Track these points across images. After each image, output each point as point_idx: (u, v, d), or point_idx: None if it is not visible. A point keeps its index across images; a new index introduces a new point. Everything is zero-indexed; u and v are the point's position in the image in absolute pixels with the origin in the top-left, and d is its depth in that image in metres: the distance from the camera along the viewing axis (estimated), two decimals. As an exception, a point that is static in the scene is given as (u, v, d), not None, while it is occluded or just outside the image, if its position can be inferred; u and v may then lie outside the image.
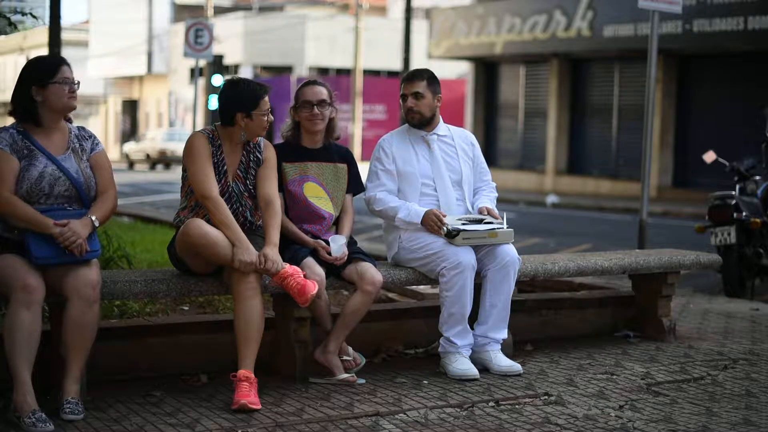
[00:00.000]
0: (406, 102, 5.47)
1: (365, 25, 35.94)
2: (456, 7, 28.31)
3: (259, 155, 4.91)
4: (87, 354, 4.36)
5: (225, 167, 4.83)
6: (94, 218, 4.41)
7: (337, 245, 5.02)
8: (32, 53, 42.16)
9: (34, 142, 4.43)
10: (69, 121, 4.62)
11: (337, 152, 5.36)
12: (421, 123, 5.49)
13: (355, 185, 5.39)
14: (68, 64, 4.55)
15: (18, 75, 4.50)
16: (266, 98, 4.82)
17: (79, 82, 4.54)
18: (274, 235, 4.73)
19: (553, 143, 25.36)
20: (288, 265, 4.68)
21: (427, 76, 5.48)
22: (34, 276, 4.22)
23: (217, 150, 4.82)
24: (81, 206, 4.46)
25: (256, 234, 4.84)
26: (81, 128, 4.64)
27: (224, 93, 4.86)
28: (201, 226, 4.60)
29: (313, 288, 4.66)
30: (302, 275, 4.68)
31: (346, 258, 5.06)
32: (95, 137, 4.66)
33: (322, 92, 5.23)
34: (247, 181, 4.87)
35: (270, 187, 4.87)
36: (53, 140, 4.49)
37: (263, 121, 4.82)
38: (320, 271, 4.94)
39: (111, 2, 48.35)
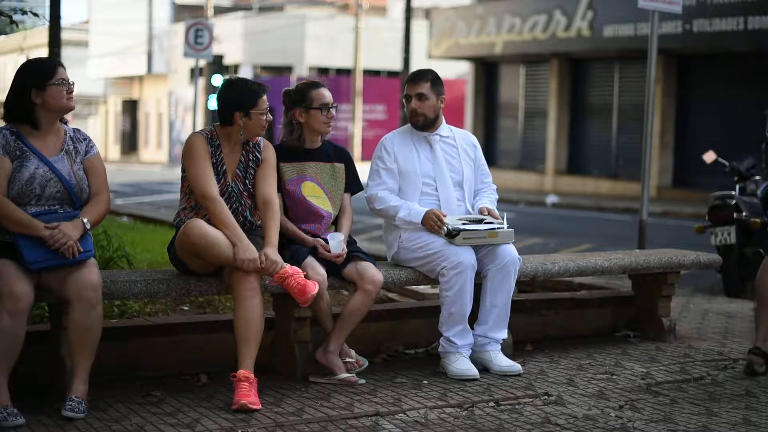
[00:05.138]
0: (410, 103, 5.46)
1: (365, 25, 35.93)
2: (456, 7, 28.31)
3: (258, 155, 4.91)
4: (93, 355, 4.36)
5: (224, 167, 4.83)
6: (85, 220, 4.40)
7: (336, 242, 5.03)
8: (32, 53, 42.15)
9: (27, 144, 4.42)
10: (64, 122, 4.61)
11: (334, 152, 5.37)
12: (425, 125, 5.49)
13: (353, 185, 5.39)
14: (63, 65, 4.55)
15: (13, 78, 4.49)
16: (264, 97, 4.83)
17: (74, 83, 4.54)
18: (274, 236, 4.74)
19: (553, 143, 25.36)
20: (288, 265, 4.69)
21: (431, 77, 5.47)
22: (22, 283, 4.19)
23: (216, 150, 4.82)
24: (72, 208, 4.45)
25: (256, 234, 4.84)
26: (76, 130, 4.63)
27: (222, 92, 4.86)
28: (201, 226, 4.61)
29: (313, 288, 4.66)
30: (302, 275, 4.69)
31: (345, 255, 5.06)
32: (90, 140, 4.64)
33: (331, 95, 5.28)
34: (247, 181, 4.87)
35: (268, 187, 4.87)
36: (47, 142, 4.48)
37: (262, 120, 4.82)
38: (322, 271, 4.95)
39: (111, 2, 48.31)
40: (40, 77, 4.43)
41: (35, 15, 8.18)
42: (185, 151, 4.80)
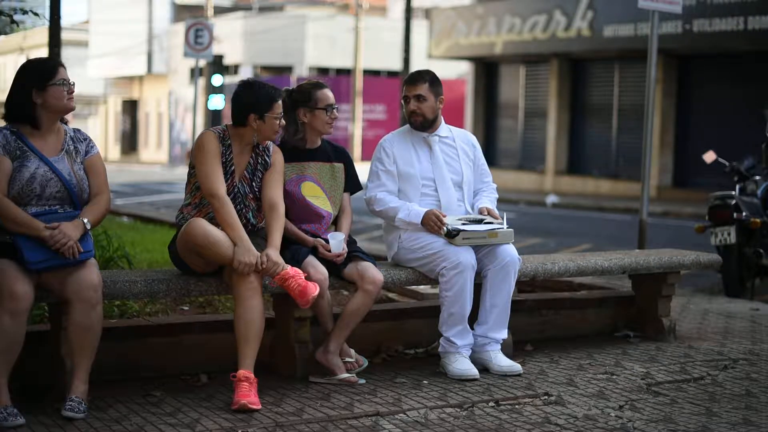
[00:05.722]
0: (409, 104, 5.46)
1: (365, 25, 35.94)
2: (456, 7, 28.31)
3: (267, 159, 4.93)
4: (93, 355, 4.37)
5: (233, 167, 4.84)
6: (85, 220, 4.40)
7: (336, 242, 5.03)
8: (32, 53, 42.15)
9: (28, 143, 4.42)
10: (65, 122, 4.61)
11: (333, 151, 5.37)
12: (424, 125, 5.49)
13: (352, 184, 5.40)
14: (63, 65, 4.55)
15: (14, 78, 4.48)
16: (279, 102, 4.84)
17: (74, 83, 4.54)
18: (277, 238, 4.75)
19: (553, 143, 25.37)
20: (290, 266, 4.69)
21: (429, 78, 5.47)
22: (22, 283, 4.19)
23: (227, 150, 4.83)
24: (73, 208, 4.45)
25: (258, 236, 4.85)
26: (77, 130, 4.63)
27: (238, 93, 4.86)
28: (203, 225, 4.61)
29: (314, 290, 4.67)
30: (303, 277, 4.69)
31: (345, 255, 5.06)
32: (90, 140, 4.65)
33: (333, 96, 5.29)
34: (254, 183, 4.89)
35: (275, 190, 4.89)
36: (47, 141, 4.48)
37: (275, 125, 4.83)
38: (323, 269, 4.95)
39: (111, 2, 48.32)
40: (40, 77, 4.42)
41: (35, 15, 8.19)
42: (196, 147, 4.80)
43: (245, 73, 38.83)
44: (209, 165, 4.73)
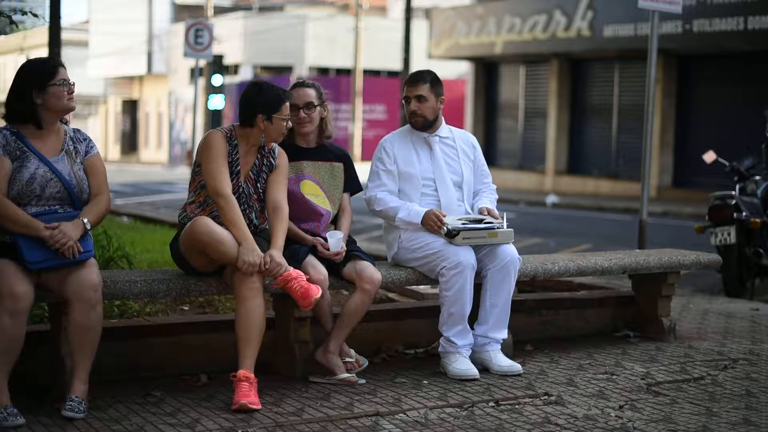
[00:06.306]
0: (409, 105, 5.46)
1: (365, 25, 35.94)
2: (456, 7, 28.31)
3: (272, 160, 4.94)
4: (93, 355, 4.37)
5: (238, 167, 4.84)
6: (85, 220, 4.40)
7: (335, 240, 5.04)
8: (32, 53, 42.12)
9: (28, 144, 4.42)
10: (65, 122, 4.61)
11: (333, 151, 5.37)
12: (425, 126, 5.49)
13: (352, 185, 5.40)
14: (63, 65, 4.54)
15: (14, 78, 4.48)
16: (288, 104, 4.85)
17: (74, 83, 4.53)
18: (280, 239, 4.75)
19: (553, 143, 25.37)
20: (292, 268, 4.69)
21: (430, 78, 5.47)
22: (22, 283, 4.19)
23: (233, 150, 4.84)
24: (73, 208, 4.45)
25: (260, 237, 4.85)
26: (76, 131, 4.63)
27: (247, 94, 4.86)
28: (208, 224, 4.62)
29: (316, 292, 4.67)
30: (305, 279, 4.69)
31: (344, 254, 5.06)
32: (90, 140, 4.65)
33: (309, 94, 5.23)
34: (258, 184, 4.89)
35: (280, 192, 4.90)
36: (47, 142, 4.47)
37: (282, 126, 4.84)
38: (323, 270, 4.95)
39: (111, 2, 48.32)
40: (40, 78, 4.42)
41: (35, 15, 8.18)
42: (203, 146, 4.81)
43: (245, 73, 38.82)
44: (216, 164, 4.73)
